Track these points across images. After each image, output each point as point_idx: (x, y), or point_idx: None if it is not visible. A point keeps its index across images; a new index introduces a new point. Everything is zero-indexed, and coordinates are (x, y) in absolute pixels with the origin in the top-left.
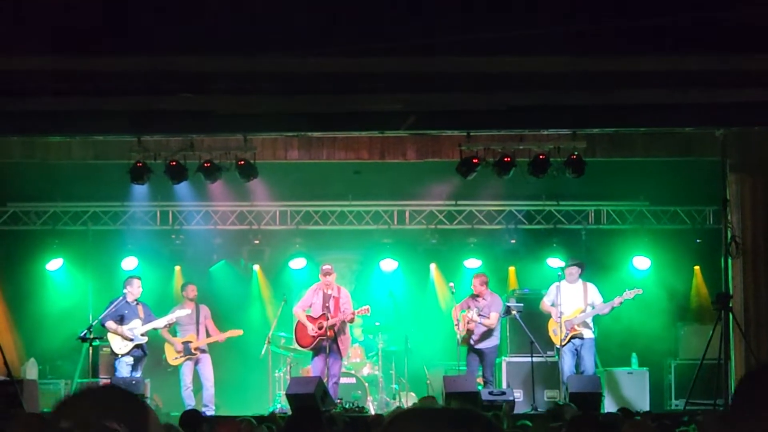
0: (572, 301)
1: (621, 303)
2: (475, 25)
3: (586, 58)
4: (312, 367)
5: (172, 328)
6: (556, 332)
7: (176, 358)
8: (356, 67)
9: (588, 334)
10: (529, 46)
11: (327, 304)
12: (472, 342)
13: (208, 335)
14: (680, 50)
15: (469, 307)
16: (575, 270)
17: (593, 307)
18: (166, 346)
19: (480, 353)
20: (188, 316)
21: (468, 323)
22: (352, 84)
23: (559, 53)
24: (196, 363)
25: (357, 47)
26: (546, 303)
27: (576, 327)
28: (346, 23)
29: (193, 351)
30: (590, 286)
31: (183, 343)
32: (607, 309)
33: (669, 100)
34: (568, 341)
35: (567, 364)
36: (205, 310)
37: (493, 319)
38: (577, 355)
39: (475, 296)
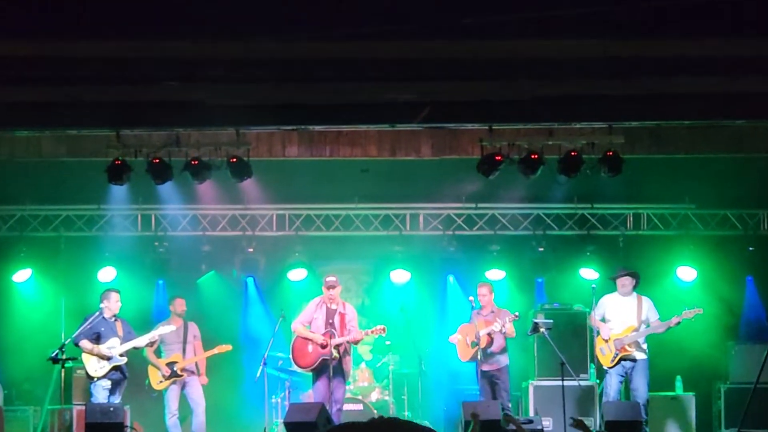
0: (624, 317)
1: (679, 323)
2: (498, 5)
3: (623, 41)
4: (313, 392)
5: (158, 348)
6: (603, 351)
7: (161, 382)
8: (363, 52)
9: (640, 355)
10: (558, 28)
11: (331, 321)
12: (484, 365)
13: (196, 355)
14: (732, 32)
15: (472, 324)
16: (628, 281)
17: (648, 326)
18: (150, 369)
19: (492, 376)
20: (174, 333)
21: (487, 336)
22: (359, 71)
23: (592, 36)
24: (183, 386)
25: (364, 30)
26: (595, 317)
27: (627, 347)
28: (352, 3)
29: (179, 372)
30: (645, 300)
31: (168, 364)
32: (663, 329)
33: (718, 89)
34: (617, 362)
35: (612, 388)
36: (194, 328)
37: (511, 331)
38: (626, 379)
39: (481, 308)
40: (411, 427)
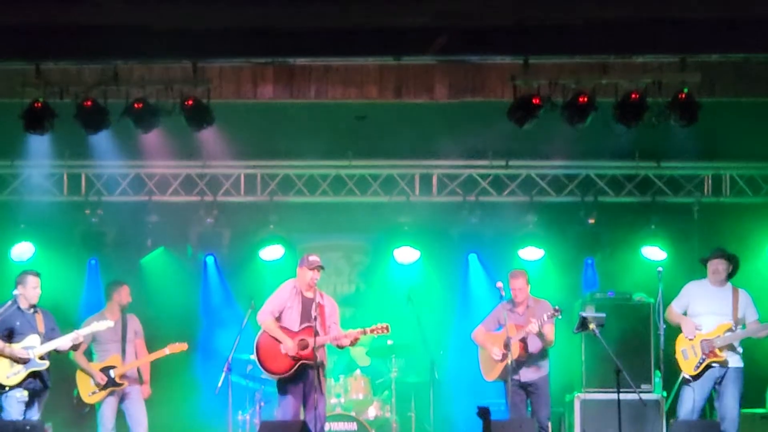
0: (716, 311)
1: None
2: None
3: None
4: (281, 408)
5: (89, 349)
6: (686, 355)
7: (94, 393)
8: None
9: (735, 361)
10: None
11: (315, 315)
12: (517, 374)
13: (136, 357)
14: None
15: (502, 321)
16: (722, 266)
17: (744, 327)
18: (80, 376)
19: (528, 387)
20: (111, 330)
21: (520, 343)
22: None
23: None
24: (122, 399)
25: None
26: (675, 310)
27: (717, 351)
28: None
29: (117, 381)
30: (743, 294)
31: (103, 369)
32: (765, 332)
33: None
34: (703, 369)
35: (690, 403)
36: (134, 322)
37: (551, 335)
38: (713, 390)
39: (514, 304)
40: None
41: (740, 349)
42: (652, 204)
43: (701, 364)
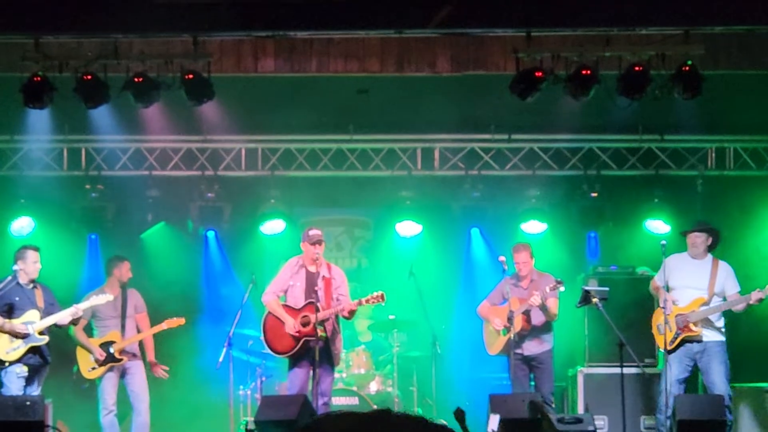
0: (692, 285)
1: (761, 300)
2: None
3: None
4: (288, 383)
5: (89, 324)
6: (661, 330)
7: (93, 369)
8: None
9: (712, 336)
10: None
11: (315, 288)
12: (520, 348)
13: (139, 332)
14: None
15: (506, 296)
16: (700, 239)
17: (724, 299)
18: (79, 352)
19: (531, 361)
20: (110, 305)
21: (523, 316)
22: None
23: None
24: (123, 374)
25: None
26: (657, 283)
27: (692, 325)
28: None
29: (117, 356)
30: (723, 266)
31: (102, 345)
32: (742, 305)
33: None
34: (678, 345)
35: (671, 377)
36: (135, 297)
37: (555, 308)
38: (696, 366)
39: (518, 278)
40: (409, 423)
41: (720, 323)
42: (655, 177)
43: (676, 339)
